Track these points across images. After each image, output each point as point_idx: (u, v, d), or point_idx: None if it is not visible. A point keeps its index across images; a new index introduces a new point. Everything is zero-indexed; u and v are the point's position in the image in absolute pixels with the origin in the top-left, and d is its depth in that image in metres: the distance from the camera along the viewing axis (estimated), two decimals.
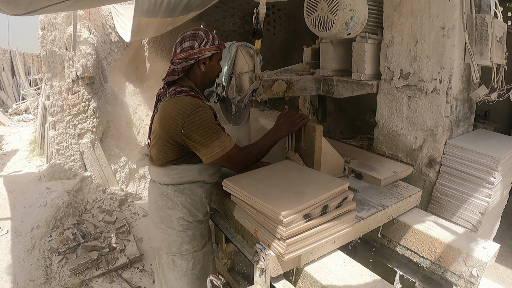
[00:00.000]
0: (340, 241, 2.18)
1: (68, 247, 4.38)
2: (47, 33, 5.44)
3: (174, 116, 2.18)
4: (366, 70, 3.14)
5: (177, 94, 2.25)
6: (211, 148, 2.18)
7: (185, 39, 2.32)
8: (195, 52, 2.29)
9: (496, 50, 2.73)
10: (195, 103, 2.18)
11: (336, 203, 1.99)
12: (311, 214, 1.88)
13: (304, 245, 1.89)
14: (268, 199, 1.91)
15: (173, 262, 2.46)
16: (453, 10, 2.61)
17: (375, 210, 2.34)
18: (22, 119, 12.21)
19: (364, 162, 2.96)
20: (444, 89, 2.72)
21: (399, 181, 2.81)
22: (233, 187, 2.14)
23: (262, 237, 1.96)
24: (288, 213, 1.77)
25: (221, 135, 2.22)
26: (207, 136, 2.16)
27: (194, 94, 2.29)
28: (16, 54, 16.35)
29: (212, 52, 2.36)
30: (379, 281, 1.92)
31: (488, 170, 2.62)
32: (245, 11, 7.45)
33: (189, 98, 2.22)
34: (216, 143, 2.18)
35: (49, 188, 5.34)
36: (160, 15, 4.26)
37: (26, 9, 2.20)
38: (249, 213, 2.06)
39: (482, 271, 2.10)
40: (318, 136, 2.46)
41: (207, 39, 2.33)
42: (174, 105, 2.20)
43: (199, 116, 2.16)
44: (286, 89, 3.15)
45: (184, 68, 2.33)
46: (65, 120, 5.58)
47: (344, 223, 2.04)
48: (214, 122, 2.23)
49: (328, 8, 2.88)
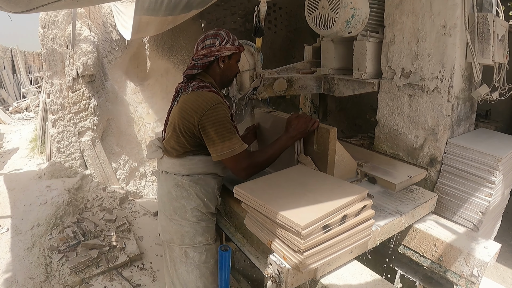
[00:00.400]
0: (357, 250, 2.09)
1: (68, 245, 4.39)
2: (48, 31, 5.43)
3: (194, 108, 2.22)
4: (367, 68, 3.13)
5: (199, 89, 2.29)
6: (221, 147, 2.19)
7: (207, 37, 2.39)
8: (216, 50, 2.35)
9: (498, 49, 2.72)
10: (216, 98, 2.23)
11: (355, 211, 1.89)
12: (330, 224, 1.79)
13: (322, 257, 1.80)
14: (284, 209, 1.80)
15: (186, 255, 2.46)
16: (454, 9, 2.60)
17: (392, 217, 2.25)
18: (22, 117, 12.22)
19: (376, 166, 2.88)
20: (446, 88, 2.72)
21: (413, 185, 2.75)
22: (246, 194, 2.02)
23: (276, 248, 1.86)
24: (307, 225, 1.67)
25: (234, 137, 2.23)
26: (220, 134, 2.19)
27: (215, 90, 2.34)
28: (17, 52, 16.35)
29: (232, 51, 2.42)
30: (380, 281, 1.92)
31: (489, 169, 2.61)
32: (246, 9, 7.44)
33: (211, 93, 2.26)
34: (227, 143, 2.19)
35: (50, 186, 5.34)
36: (161, 13, 4.25)
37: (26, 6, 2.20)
38: (262, 222, 1.95)
39: (483, 270, 2.10)
40: (332, 138, 2.37)
41: (228, 39, 2.40)
42: (196, 98, 2.25)
43: (218, 112, 2.20)
44: (287, 88, 3.14)
45: (204, 64, 2.38)
46: (65, 118, 5.58)
47: (363, 232, 1.95)
48: (230, 121, 2.26)
49: (329, 6, 2.87)
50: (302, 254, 1.70)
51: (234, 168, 2.31)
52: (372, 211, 1.98)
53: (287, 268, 1.78)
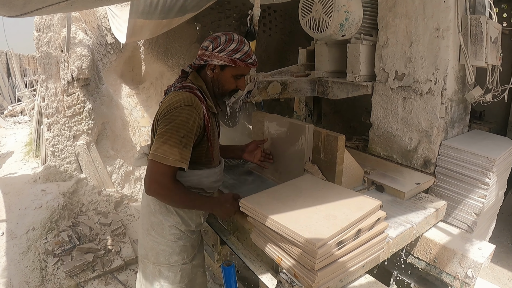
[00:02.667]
0: (369, 264, 2.00)
1: (64, 249, 4.37)
2: (42, 34, 5.43)
3: (164, 106, 2.00)
4: (361, 71, 3.14)
5: (181, 88, 2.06)
6: (157, 147, 1.89)
7: (208, 38, 2.14)
8: (206, 55, 2.09)
9: (491, 51, 2.73)
10: (188, 100, 1.96)
11: (369, 225, 1.82)
12: (344, 240, 1.71)
13: (336, 274, 1.72)
14: (296, 225, 1.71)
15: (160, 273, 2.26)
16: (447, 11, 2.61)
17: (403, 227, 2.18)
18: (17, 121, 12.18)
19: (383, 173, 2.84)
20: (439, 90, 2.73)
21: (421, 193, 2.71)
22: (253, 209, 1.93)
23: (287, 266, 1.77)
24: (322, 242, 1.59)
25: (178, 147, 1.90)
26: (165, 135, 1.90)
27: (197, 93, 2.05)
28: (12, 55, 16.30)
29: (223, 62, 2.09)
30: (374, 283, 1.92)
31: (483, 171, 2.62)
32: (241, 12, 7.45)
33: (187, 94, 2.00)
34: (166, 147, 1.88)
35: (45, 190, 5.32)
36: (156, 16, 4.26)
37: (21, 10, 2.19)
38: (271, 238, 1.86)
39: (477, 272, 2.10)
40: (340, 147, 2.31)
41: (224, 47, 2.07)
42: (171, 97, 2.00)
43: (181, 114, 1.93)
44: (281, 91, 3.15)
45: (196, 65, 2.18)
46: (60, 122, 5.56)
47: (377, 245, 1.89)
48: (190, 130, 1.94)
49: (323, 9, 2.88)
50: (316, 273, 1.62)
51: (150, 175, 1.93)
52: (386, 223, 1.93)
53: (299, 286, 1.71)
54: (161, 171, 1.90)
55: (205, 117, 2.04)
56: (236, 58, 2.08)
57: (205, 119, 2.04)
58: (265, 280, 2.09)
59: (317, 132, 2.45)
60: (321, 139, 2.40)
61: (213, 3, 4.56)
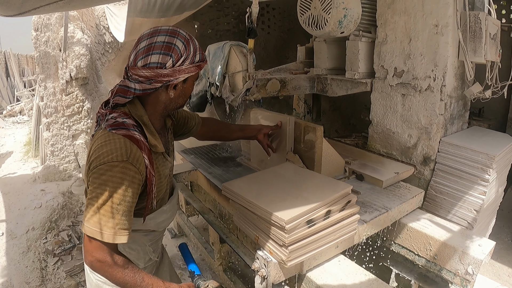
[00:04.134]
0: (343, 245, 2.14)
1: (64, 249, 4.36)
2: (41, 34, 5.42)
3: (92, 157, 1.51)
4: (360, 68, 3.13)
5: (113, 128, 1.53)
6: (88, 217, 1.46)
7: (153, 49, 1.54)
8: (166, 74, 1.55)
9: (490, 48, 2.73)
10: (122, 152, 1.48)
11: (339, 207, 1.92)
12: (314, 219, 1.82)
13: (307, 251, 1.84)
14: (269, 205, 1.83)
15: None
16: (446, 8, 2.61)
17: (378, 212, 2.29)
18: (16, 121, 12.18)
19: (365, 163, 2.94)
20: (438, 86, 2.72)
21: (400, 182, 2.79)
22: (233, 191, 2.06)
23: (263, 243, 1.90)
24: (291, 219, 1.71)
25: (112, 218, 1.46)
26: (95, 201, 1.45)
27: (135, 134, 1.55)
28: (10, 55, 16.29)
29: (189, 74, 1.62)
30: (374, 280, 1.92)
31: (483, 167, 2.62)
32: (239, 10, 7.44)
33: (121, 140, 1.50)
34: (95, 218, 1.44)
35: (44, 189, 5.32)
36: (154, 15, 4.25)
37: (18, 10, 2.18)
38: (249, 218, 1.98)
39: (477, 268, 2.10)
40: (319, 137, 2.43)
41: (187, 55, 1.58)
42: (102, 143, 1.50)
43: (113, 173, 1.46)
44: (280, 88, 3.15)
45: (145, 92, 1.59)
46: (59, 122, 5.56)
47: (348, 226, 1.99)
48: (123, 193, 1.47)
49: (321, 6, 2.87)
50: (287, 248, 1.74)
51: (86, 249, 1.49)
52: (357, 206, 2.03)
53: (274, 262, 1.84)
54: (94, 246, 1.46)
55: (147, 168, 1.57)
56: (199, 60, 1.64)
57: (146, 172, 1.58)
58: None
59: (297, 123, 2.57)
60: (301, 130, 2.52)
61: (211, 1, 4.55)
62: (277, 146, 2.71)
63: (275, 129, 2.66)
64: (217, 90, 3.10)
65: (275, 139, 2.73)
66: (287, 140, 2.61)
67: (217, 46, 3.07)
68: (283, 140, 2.64)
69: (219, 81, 3.05)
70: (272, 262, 1.83)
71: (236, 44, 2.98)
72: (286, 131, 2.60)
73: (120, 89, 1.62)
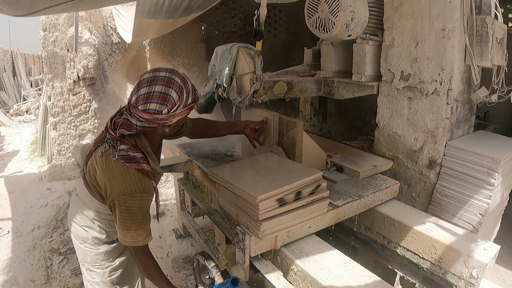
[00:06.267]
0: (316, 226, 2.36)
1: (69, 248, 4.39)
2: (49, 34, 5.45)
3: (113, 185, 1.90)
4: (366, 71, 3.14)
5: (127, 162, 1.91)
6: (124, 235, 1.95)
7: (152, 99, 1.84)
8: (162, 118, 1.88)
9: (497, 52, 2.73)
10: (138, 185, 1.89)
11: (309, 190, 2.16)
12: (284, 199, 2.06)
13: (279, 228, 2.07)
14: (247, 185, 2.09)
15: (89, 271, 2.34)
16: (453, 12, 2.61)
17: (351, 199, 2.51)
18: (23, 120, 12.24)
19: (346, 157, 3.13)
20: (445, 90, 2.73)
21: (379, 174, 2.99)
22: (218, 175, 2.35)
23: (242, 220, 2.14)
24: (263, 197, 1.95)
25: (141, 228, 1.96)
26: (126, 223, 1.93)
27: (145, 166, 1.95)
28: (17, 54, 16.39)
29: (182, 116, 1.97)
30: (379, 282, 1.93)
31: (488, 171, 2.62)
32: (246, 12, 7.46)
33: (137, 176, 1.90)
34: (132, 233, 1.94)
35: (50, 188, 5.35)
36: (161, 16, 4.27)
37: (28, 10, 2.20)
38: (231, 199, 2.24)
39: (482, 272, 2.10)
40: (299, 130, 2.64)
41: (180, 102, 1.89)
42: (119, 174, 1.89)
43: (134, 201, 1.90)
44: (286, 91, 3.16)
45: (145, 129, 1.95)
46: (66, 121, 5.59)
47: (318, 209, 2.21)
48: (143, 211, 1.97)
49: (328, 9, 2.88)
50: (261, 223, 1.97)
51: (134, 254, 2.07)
52: (327, 190, 2.25)
53: (249, 235, 2.06)
54: (137, 251, 2.03)
55: (155, 190, 2.04)
56: (190, 103, 1.96)
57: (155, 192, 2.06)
58: (271, 278, 2.10)
59: (281, 119, 2.79)
60: (284, 125, 2.72)
61: (218, 3, 4.57)
62: (264, 140, 2.93)
63: (261, 124, 2.89)
64: (225, 92, 3.12)
65: (262, 133, 2.95)
66: (272, 134, 2.83)
67: (225, 48, 3.09)
68: (269, 134, 2.86)
69: (226, 83, 3.07)
70: (249, 237, 2.05)
71: (243, 46, 3.00)
72: (271, 126, 2.82)
73: (124, 123, 1.95)
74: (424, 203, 3.00)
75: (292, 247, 2.23)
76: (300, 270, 2.08)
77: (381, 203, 2.73)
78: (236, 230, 2.12)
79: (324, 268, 2.04)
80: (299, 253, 2.17)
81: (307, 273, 2.02)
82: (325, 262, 2.09)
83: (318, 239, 2.31)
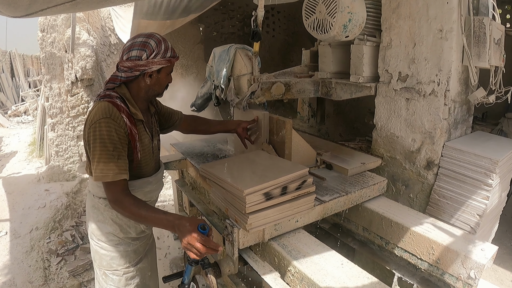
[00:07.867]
0: (303, 220, 2.39)
1: (67, 249, 4.39)
2: (47, 35, 5.45)
3: (87, 119, 2.03)
4: (364, 72, 3.14)
5: (101, 98, 2.05)
6: (94, 169, 1.94)
7: (133, 47, 2.05)
8: (142, 64, 2.04)
9: (494, 53, 2.73)
10: (105, 111, 1.96)
11: (295, 185, 2.20)
12: (271, 193, 2.11)
13: (267, 221, 2.12)
14: (235, 180, 2.16)
15: (105, 276, 2.33)
16: (451, 13, 2.61)
17: (338, 195, 2.53)
18: (21, 121, 12.24)
19: (336, 155, 3.14)
20: (442, 91, 2.73)
21: (367, 171, 3.00)
22: (208, 171, 2.41)
23: (231, 213, 2.19)
24: (250, 191, 2.01)
25: (111, 162, 1.94)
26: (95, 154, 1.93)
27: (117, 102, 2.05)
28: (15, 55, 16.37)
29: (161, 66, 2.11)
30: (377, 283, 1.93)
31: (486, 172, 2.62)
32: (244, 13, 7.47)
33: (105, 104, 2.00)
34: (101, 165, 1.92)
35: (48, 190, 5.34)
36: (159, 17, 4.27)
37: (26, 11, 2.20)
38: (221, 193, 2.30)
39: (480, 273, 2.10)
40: (288, 129, 2.70)
41: (158, 51, 2.07)
42: (91, 109, 2.04)
43: (101, 127, 1.94)
44: (284, 92, 3.16)
45: (128, 78, 2.10)
46: (64, 122, 5.59)
47: (304, 204, 2.25)
48: (112, 142, 1.96)
49: (326, 10, 2.88)
50: (248, 215, 2.02)
51: (108, 195, 2.01)
52: (313, 186, 2.28)
53: (238, 228, 2.10)
54: (108, 189, 1.98)
55: (127, 125, 2.04)
56: (169, 56, 2.13)
57: (127, 128, 2.04)
58: (269, 280, 2.09)
59: (271, 118, 2.86)
60: (274, 124, 2.81)
61: (216, 4, 4.57)
62: (256, 139, 2.98)
63: (252, 123, 2.92)
64: (222, 93, 3.12)
65: (254, 133, 3.01)
66: (263, 133, 2.90)
67: (223, 49, 3.09)
68: (260, 133, 2.93)
69: (224, 84, 3.06)
70: (237, 229, 2.09)
71: (241, 47, 3.00)
72: (262, 125, 2.89)
73: (111, 78, 2.15)
74: (422, 204, 3.00)
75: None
76: (297, 271, 2.07)
77: (368, 199, 2.76)
78: (226, 223, 2.17)
79: (322, 269, 2.03)
80: (296, 254, 2.16)
81: (304, 274, 2.01)
82: (322, 263, 2.08)
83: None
